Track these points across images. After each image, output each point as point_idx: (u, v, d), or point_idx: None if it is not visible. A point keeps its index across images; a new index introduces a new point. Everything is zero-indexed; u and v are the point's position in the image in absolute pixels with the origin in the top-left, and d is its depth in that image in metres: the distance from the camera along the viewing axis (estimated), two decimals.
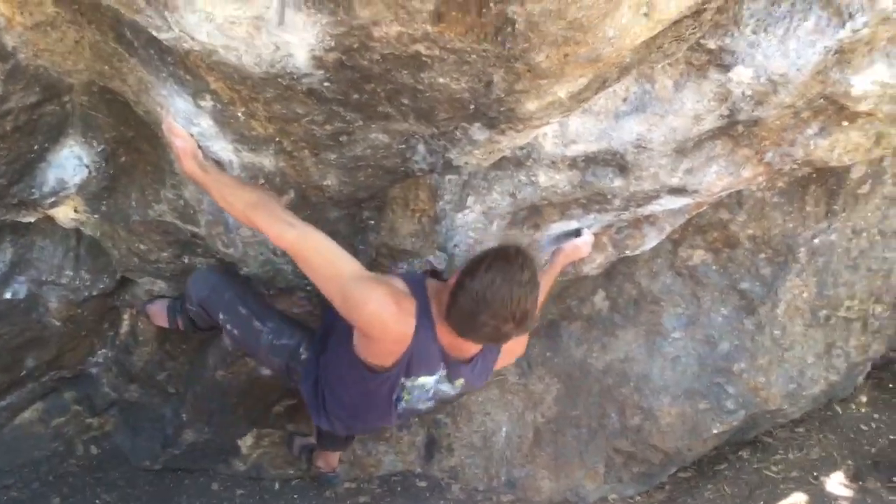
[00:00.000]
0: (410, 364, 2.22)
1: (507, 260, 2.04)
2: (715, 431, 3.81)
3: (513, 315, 2.00)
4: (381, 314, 2.09)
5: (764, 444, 4.23)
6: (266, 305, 2.82)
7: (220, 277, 2.84)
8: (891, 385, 4.58)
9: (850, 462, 4.06)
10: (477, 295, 2.00)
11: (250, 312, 2.70)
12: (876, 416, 4.37)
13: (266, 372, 3.30)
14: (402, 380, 2.28)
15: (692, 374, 3.75)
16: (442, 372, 2.32)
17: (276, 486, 3.89)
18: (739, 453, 4.18)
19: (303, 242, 2.13)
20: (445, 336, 2.21)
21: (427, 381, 2.31)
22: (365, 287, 2.10)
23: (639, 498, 4.06)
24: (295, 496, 3.83)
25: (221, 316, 2.72)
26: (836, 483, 3.91)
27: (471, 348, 2.31)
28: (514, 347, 2.64)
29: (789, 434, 4.28)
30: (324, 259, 2.14)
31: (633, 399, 3.81)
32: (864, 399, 4.44)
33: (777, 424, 4.17)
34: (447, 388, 2.41)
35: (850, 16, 2.16)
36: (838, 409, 4.38)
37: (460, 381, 2.41)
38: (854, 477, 3.93)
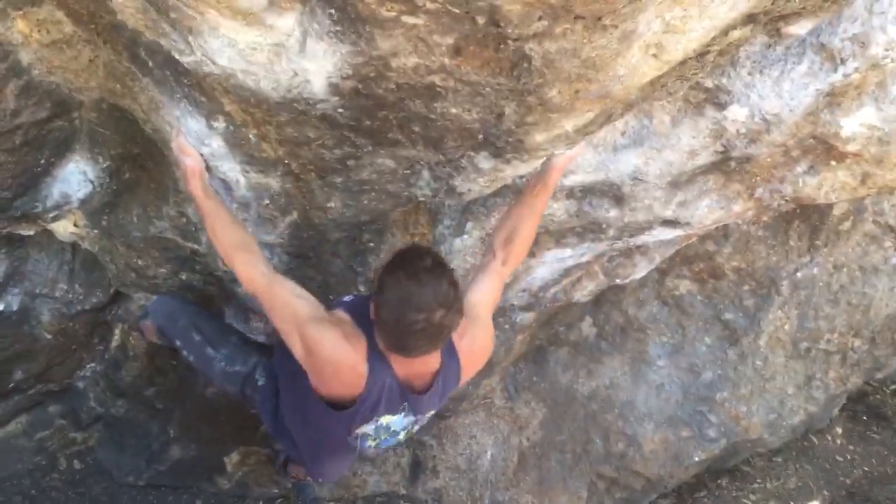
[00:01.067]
0: (372, 405, 2.17)
1: (402, 257, 2.04)
2: (696, 459, 3.85)
3: (434, 298, 1.93)
4: (334, 357, 2.09)
5: (742, 473, 4.30)
6: (223, 331, 2.81)
7: (176, 304, 2.85)
8: (865, 417, 4.68)
9: (825, 492, 4.14)
10: (391, 301, 1.97)
11: (203, 339, 2.71)
12: (851, 447, 4.46)
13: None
14: (365, 427, 2.23)
15: (676, 402, 3.80)
16: (404, 411, 2.26)
17: None
18: (718, 481, 4.24)
19: (270, 289, 2.15)
20: (399, 365, 2.14)
21: (391, 420, 2.26)
22: (320, 330, 2.09)
23: None
24: None
25: (178, 343, 2.75)
26: None
27: (426, 369, 2.21)
28: (475, 356, 2.39)
29: (767, 463, 4.35)
30: (286, 305, 2.15)
31: (618, 425, 3.85)
32: (839, 430, 4.53)
33: (756, 453, 4.23)
34: (412, 420, 2.34)
35: (843, 61, 2.24)
36: (815, 439, 4.46)
37: (429, 413, 2.37)
38: None
